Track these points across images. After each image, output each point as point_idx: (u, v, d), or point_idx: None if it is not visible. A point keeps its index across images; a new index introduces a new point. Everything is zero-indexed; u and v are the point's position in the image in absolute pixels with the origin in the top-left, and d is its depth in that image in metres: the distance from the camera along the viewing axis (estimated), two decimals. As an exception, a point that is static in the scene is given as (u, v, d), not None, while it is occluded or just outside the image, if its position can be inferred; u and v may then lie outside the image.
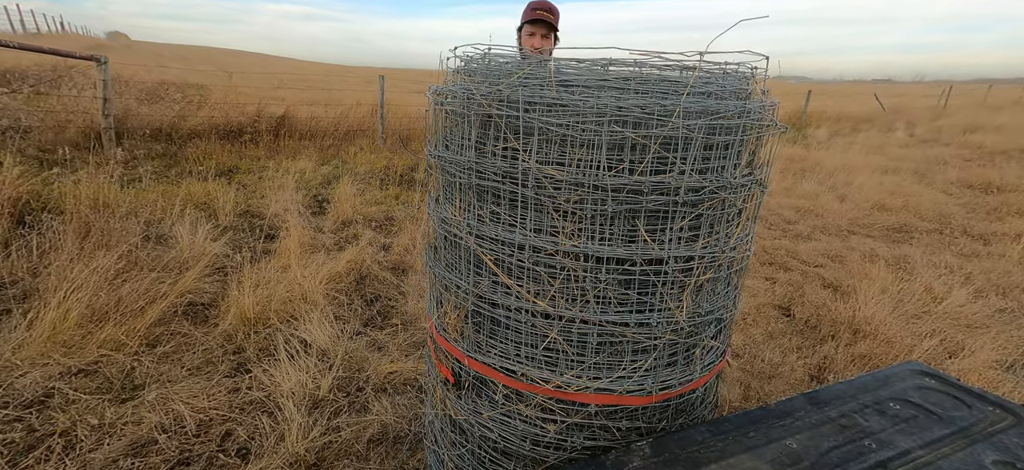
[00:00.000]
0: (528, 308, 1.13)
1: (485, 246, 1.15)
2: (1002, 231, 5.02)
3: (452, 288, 1.26)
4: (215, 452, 1.82)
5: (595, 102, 0.96)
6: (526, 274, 1.11)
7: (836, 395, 1.28)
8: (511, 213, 1.10)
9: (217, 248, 3.33)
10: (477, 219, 1.16)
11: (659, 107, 0.96)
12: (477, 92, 1.06)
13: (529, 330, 1.15)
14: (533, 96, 1.00)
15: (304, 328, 2.56)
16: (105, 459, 1.72)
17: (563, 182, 1.01)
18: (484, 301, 1.19)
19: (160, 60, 15.21)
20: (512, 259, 1.12)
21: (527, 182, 1.04)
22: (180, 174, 5.11)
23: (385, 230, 4.28)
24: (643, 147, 0.98)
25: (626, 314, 1.10)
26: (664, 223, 1.05)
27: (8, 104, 6.26)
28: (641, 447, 1.10)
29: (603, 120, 0.96)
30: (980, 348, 2.65)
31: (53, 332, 2.24)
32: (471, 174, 1.12)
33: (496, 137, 1.07)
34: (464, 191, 1.17)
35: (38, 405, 1.94)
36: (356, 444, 1.91)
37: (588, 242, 1.05)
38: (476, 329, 1.24)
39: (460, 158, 1.14)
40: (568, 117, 0.98)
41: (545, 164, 1.03)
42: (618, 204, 1.01)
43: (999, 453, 1.06)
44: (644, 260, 1.05)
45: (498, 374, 1.22)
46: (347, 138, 7.40)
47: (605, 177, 0.99)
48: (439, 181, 1.29)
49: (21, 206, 3.42)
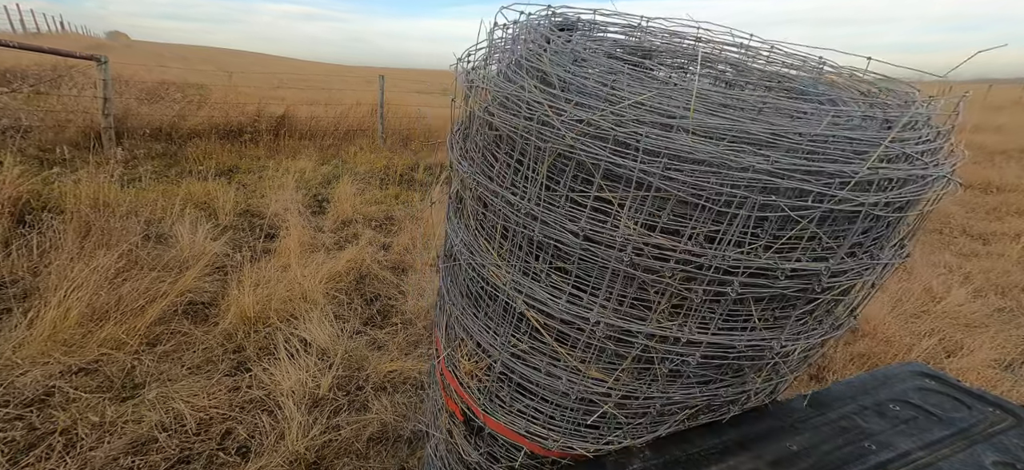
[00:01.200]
0: (583, 384, 0.93)
1: (535, 309, 0.90)
2: (1001, 231, 5.03)
3: (474, 332, 1.04)
4: (215, 450, 1.82)
5: (748, 161, 0.68)
6: (591, 349, 0.89)
7: (836, 396, 1.28)
8: (582, 280, 0.86)
9: (217, 247, 3.33)
10: (530, 277, 0.90)
11: (839, 176, 0.70)
12: (558, 116, 0.75)
13: (575, 402, 0.95)
14: (659, 143, 0.70)
15: (304, 327, 2.56)
16: (105, 457, 1.72)
17: (673, 256, 0.76)
18: (520, 361, 0.98)
19: (160, 60, 15.21)
20: (570, 328, 0.89)
21: (623, 250, 0.78)
22: (180, 174, 5.11)
23: (385, 230, 4.28)
24: (787, 220, 0.74)
25: (698, 388, 0.93)
26: (783, 309, 0.85)
27: (8, 104, 6.26)
28: (641, 449, 1.10)
29: (755, 185, 0.70)
30: (978, 347, 2.65)
31: (53, 331, 2.24)
32: (533, 223, 0.85)
33: (575, 177, 0.80)
34: (513, 236, 0.91)
35: (39, 403, 1.94)
36: (356, 442, 1.91)
37: (685, 326, 0.82)
38: (499, 383, 1.04)
39: (512, 198, 0.86)
40: (706, 170, 0.70)
41: (652, 229, 0.76)
42: (741, 289, 0.78)
43: (999, 454, 1.07)
44: (747, 345, 0.86)
45: (522, 439, 1.03)
46: (347, 138, 7.40)
47: (736, 257, 0.75)
48: (468, 205, 1.03)
49: (21, 205, 3.42)
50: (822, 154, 0.71)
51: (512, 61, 0.90)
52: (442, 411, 1.27)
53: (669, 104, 0.73)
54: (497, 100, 0.86)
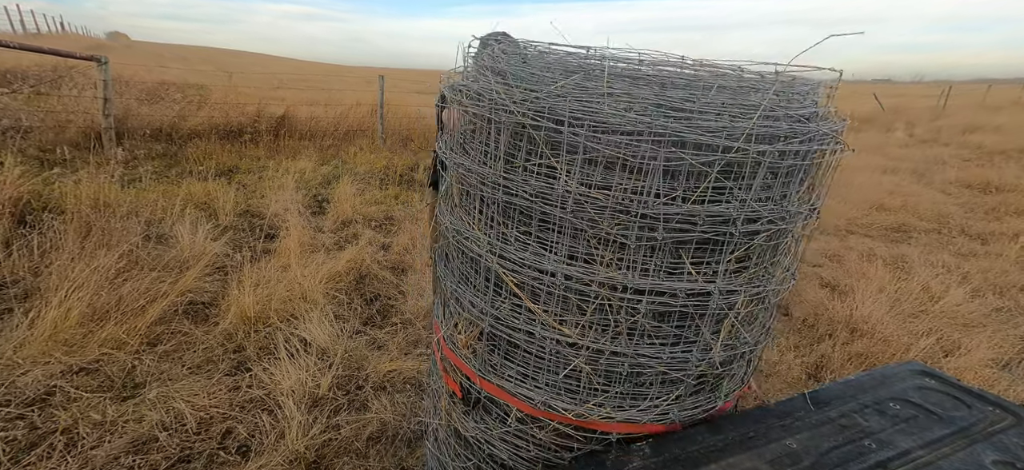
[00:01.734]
0: (553, 337, 1.05)
1: (508, 267, 1.05)
2: (1000, 231, 5.03)
3: (465, 304, 1.18)
4: (215, 450, 1.82)
5: (655, 123, 0.85)
6: (554, 300, 1.03)
7: (836, 395, 1.29)
8: (542, 236, 1.01)
9: (217, 247, 3.33)
10: (501, 238, 1.06)
11: (727, 131, 0.86)
12: (510, 99, 0.95)
13: (552, 357, 1.08)
14: (580, 110, 0.89)
15: (304, 327, 2.56)
16: (106, 456, 1.73)
17: (607, 208, 0.92)
18: (502, 323, 1.11)
19: (160, 60, 15.21)
20: (539, 285, 1.03)
21: (565, 206, 0.94)
22: (180, 174, 5.12)
23: (385, 230, 4.28)
24: (700, 174, 0.89)
25: (660, 347, 1.04)
26: (712, 255, 0.97)
27: (9, 104, 6.26)
28: (641, 447, 1.11)
29: (662, 143, 0.86)
30: (976, 347, 2.65)
31: (54, 331, 2.24)
32: (498, 189, 1.02)
33: (530, 151, 0.96)
34: (487, 205, 1.07)
35: (40, 403, 1.94)
36: (356, 442, 1.91)
37: (628, 273, 0.96)
38: (491, 349, 1.17)
39: (485, 170, 1.03)
40: (622, 138, 0.87)
41: (589, 187, 0.92)
42: (667, 234, 0.92)
43: (999, 453, 1.07)
44: (688, 293, 0.98)
45: (513, 398, 1.15)
46: (347, 138, 7.40)
47: (657, 205, 0.89)
48: (453, 187, 1.19)
49: (22, 206, 3.42)
50: (714, 116, 0.88)
51: (478, 66, 1.11)
52: (442, 394, 1.36)
53: (593, 86, 0.91)
54: (469, 96, 1.05)
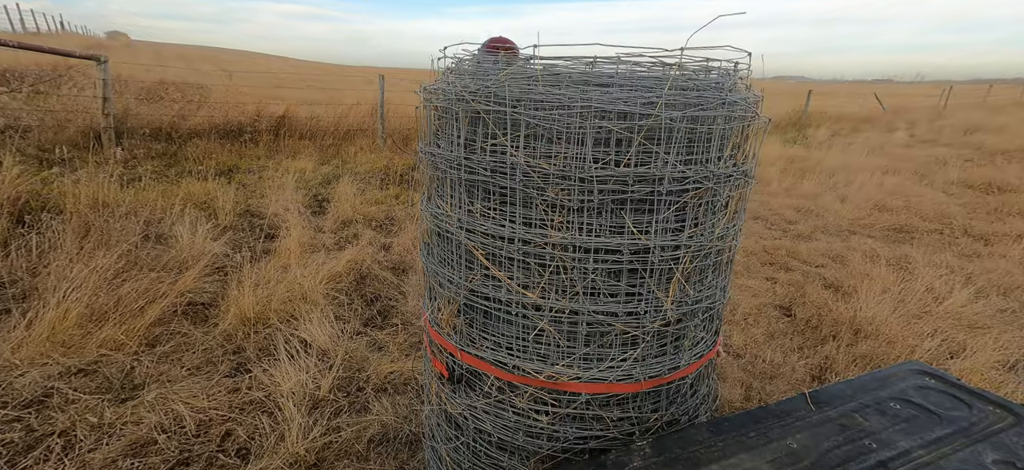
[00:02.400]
0: (518, 300, 1.15)
1: (476, 240, 1.17)
2: (1003, 231, 5.02)
3: (445, 283, 1.28)
4: (215, 452, 1.82)
5: (580, 97, 0.99)
6: (516, 266, 1.14)
7: (836, 395, 1.28)
8: (500, 208, 1.12)
9: (217, 248, 3.32)
10: (467, 214, 1.18)
11: (642, 100, 0.99)
12: (466, 90, 1.09)
13: (520, 322, 1.17)
14: (521, 93, 1.03)
15: (304, 328, 2.56)
16: (104, 459, 1.72)
17: (550, 175, 1.04)
18: (476, 295, 1.21)
19: (160, 59, 15.21)
20: (503, 253, 1.14)
21: (515, 176, 1.07)
22: (180, 173, 5.11)
23: (385, 230, 4.28)
24: (627, 141, 1.01)
25: (615, 304, 1.12)
26: (650, 215, 1.07)
27: (8, 103, 6.26)
28: (641, 447, 1.10)
29: (588, 114, 0.99)
30: (982, 348, 2.64)
31: (52, 332, 2.23)
32: (461, 170, 1.15)
33: (485, 134, 1.10)
34: (455, 187, 1.20)
35: (37, 405, 1.93)
36: (356, 444, 1.91)
37: (576, 234, 1.07)
38: (469, 323, 1.26)
39: (450, 154, 1.16)
40: (554, 112, 1.01)
41: (533, 159, 1.06)
42: (604, 196, 1.04)
43: (999, 453, 1.06)
44: (631, 250, 1.08)
45: (490, 367, 1.23)
46: (347, 138, 7.40)
47: (591, 169, 1.01)
48: (430, 177, 1.31)
49: (20, 205, 3.42)
50: (636, 88, 1.02)
51: (446, 72, 1.25)
52: (433, 380, 1.44)
53: (529, 72, 1.06)
54: (438, 94, 1.19)
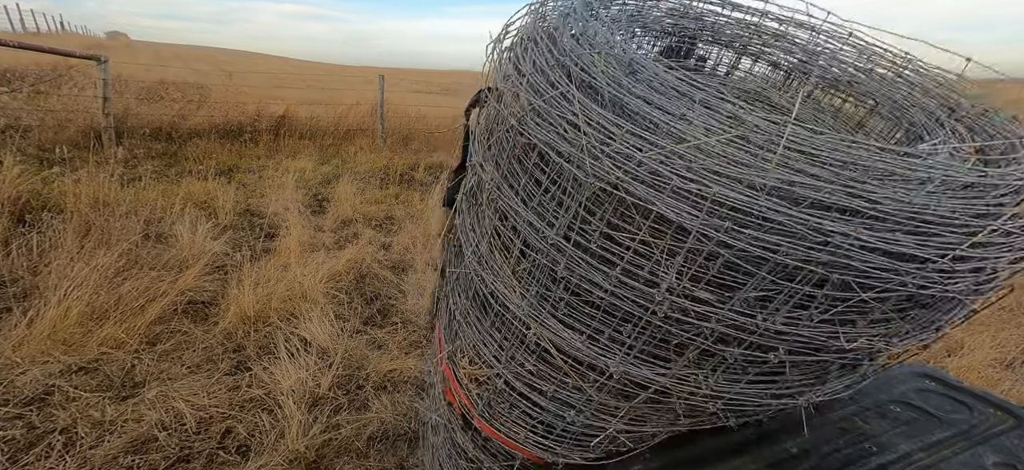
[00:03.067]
0: (590, 421, 0.88)
1: (545, 337, 0.83)
2: (1002, 233, 5.02)
3: (475, 342, 0.99)
4: (215, 449, 1.82)
5: (833, 234, 0.58)
6: (606, 390, 0.83)
7: (836, 397, 1.28)
8: (603, 325, 0.76)
9: (217, 247, 3.32)
10: (549, 305, 0.82)
11: (934, 249, 0.59)
12: (601, 150, 0.63)
13: (582, 429, 0.90)
14: (734, 188, 0.59)
15: (304, 326, 2.56)
16: (105, 456, 1.72)
17: (713, 318, 0.67)
18: (522, 382, 0.91)
19: (160, 60, 15.21)
20: (586, 369, 0.82)
21: (653, 307, 0.69)
22: (180, 173, 5.11)
23: (385, 229, 4.28)
24: (846, 286, 0.63)
25: (719, 438, 0.91)
26: (820, 369, 0.78)
27: (8, 103, 6.25)
28: (641, 452, 1.10)
29: (833, 264, 0.60)
30: (979, 346, 2.65)
31: (53, 330, 2.23)
32: (558, 257, 0.75)
33: (616, 211, 0.68)
34: (533, 262, 0.81)
35: (39, 402, 1.94)
36: (356, 441, 1.91)
37: (711, 377, 0.75)
38: (499, 396, 0.98)
39: (540, 225, 0.76)
40: (775, 240, 0.59)
41: (695, 286, 0.66)
42: (785, 356, 0.69)
43: (1000, 455, 1.06)
44: (775, 400, 0.79)
45: (520, 448, 1.00)
46: (347, 138, 7.40)
47: (781, 323, 0.66)
48: (484, 209, 0.93)
49: (21, 205, 3.42)
50: (915, 228, 0.60)
51: (551, 56, 0.75)
52: (442, 399, 1.23)
53: (744, 151, 0.61)
54: (532, 107, 0.73)
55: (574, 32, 0.78)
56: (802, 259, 0.59)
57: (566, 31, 0.77)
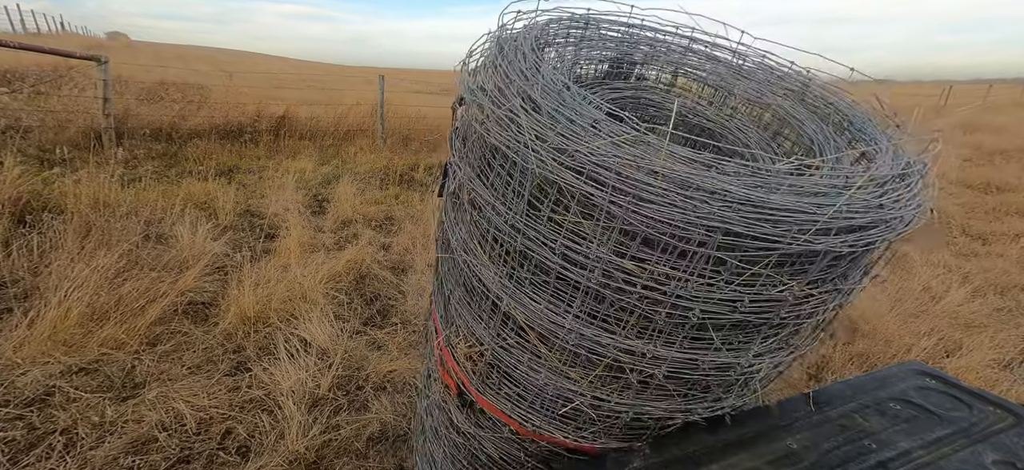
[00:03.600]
0: (559, 381, 1.00)
1: (519, 311, 0.97)
2: (1001, 231, 5.03)
3: (468, 324, 1.12)
4: (215, 450, 1.82)
5: (713, 215, 0.74)
6: (566, 353, 0.97)
7: (836, 395, 1.28)
8: (560, 286, 0.92)
9: (217, 247, 3.33)
10: (515, 282, 0.97)
11: (799, 225, 0.75)
12: (539, 141, 0.81)
13: (553, 395, 1.02)
14: (622, 169, 0.77)
15: (304, 327, 2.56)
16: (106, 457, 1.72)
17: (638, 284, 0.82)
18: (506, 353, 1.05)
19: (160, 60, 15.21)
20: (550, 332, 0.96)
21: (593, 274, 0.85)
22: (180, 174, 5.11)
23: (385, 230, 4.28)
24: (750, 259, 0.79)
25: (669, 400, 0.99)
26: (747, 333, 0.90)
27: (8, 104, 6.26)
28: (641, 447, 1.10)
29: (717, 229, 0.75)
30: (978, 347, 2.65)
31: (54, 331, 2.24)
32: (516, 236, 0.91)
33: (557, 202, 0.86)
34: (500, 244, 0.97)
35: (39, 403, 1.94)
36: (356, 442, 1.91)
37: (651, 343, 0.89)
38: (490, 369, 1.12)
39: (501, 209, 0.93)
40: (669, 217, 0.75)
41: (621, 257, 0.82)
42: (703, 315, 0.83)
43: (999, 453, 1.07)
44: (712, 366, 0.91)
45: (508, 418, 1.12)
46: (347, 138, 7.40)
47: (699, 287, 0.81)
48: (464, 203, 1.08)
49: (22, 206, 3.42)
50: (782, 215, 0.76)
51: (507, 79, 0.93)
52: (437, 381, 1.35)
53: (644, 153, 0.79)
54: (492, 116, 0.90)
55: (524, 63, 0.96)
56: (690, 224, 0.75)
57: (519, 60, 0.97)
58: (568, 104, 0.86)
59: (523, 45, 1.02)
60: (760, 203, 0.75)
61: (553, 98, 0.87)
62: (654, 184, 0.75)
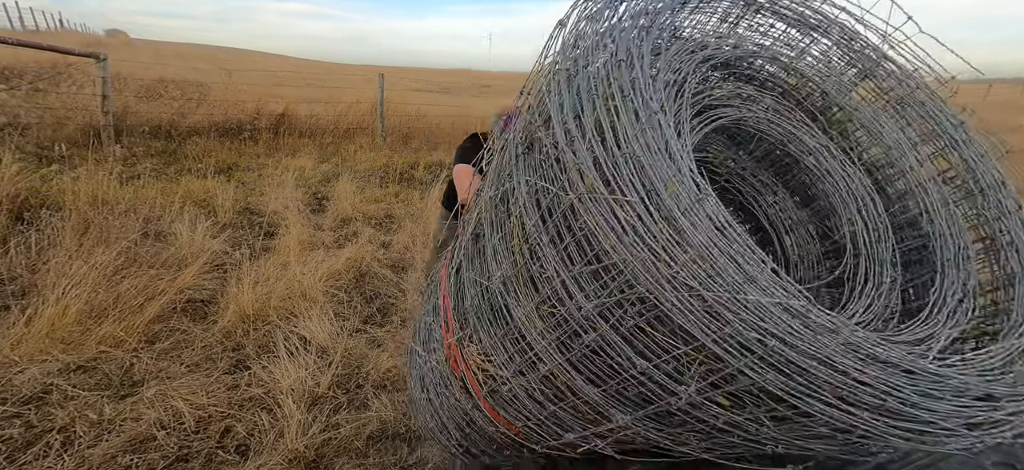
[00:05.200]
0: (586, 428, 0.92)
1: (564, 379, 0.84)
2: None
3: (489, 352, 1.00)
4: (214, 449, 1.82)
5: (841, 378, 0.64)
6: (601, 427, 0.86)
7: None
8: (624, 391, 0.79)
9: (216, 245, 3.32)
10: (566, 355, 0.83)
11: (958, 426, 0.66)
12: (665, 275, 0.64)
13: (573, 438, 0.93)
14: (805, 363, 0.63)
15: (303, 325, 2.56)
16: (104, 455, 1.72)
17: (722, 419, 0.72)
18: (531, 400, 0.94)
19: (159, 58, 15.18)
20: (597, 414, 0.85)
21: (675, 402, 0.73)
22: (179, 171, 5.10)
23: (385, 228, 4.28)
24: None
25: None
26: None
27: (7, 101, 6.24)
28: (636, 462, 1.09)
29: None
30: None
31: (52, 329, 2.23)
32: (589, 330, 0.76)
33: (651, 312, 0.70)
34: (559, 314, 0.82)
35: (37, 401, 1.93)
36: (355, 441, 1.91)
37: (705, 442, 0.80)
38: (504, 392, 1.01)
39: (580, 298, 0.75)
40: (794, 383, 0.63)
41: (715, 387, 0.71)
42: (779, 448, 0.74)
43: (999, 455, 1.06)
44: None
45: (512, 427, 1.05)
46: (347, 136, 7.39)
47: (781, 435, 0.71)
48: (515, 232, 0.89)
49: (20, 203, 3.41)
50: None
51: (613, 130, 0.71)
52: (444, 361, 1.20)
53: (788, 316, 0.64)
54: (587, 189, 0.70)
55: (647, 116, 0.73)
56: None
57: (638, 103, 0.74)
58: (700, 230, 0.67)
59: (638, 63, 0.79)
60: (915, 416, 0.64)
61: (685, 211, 0.68)
62: (816, 372, 0.63)
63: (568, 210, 0.76)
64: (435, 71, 32.34)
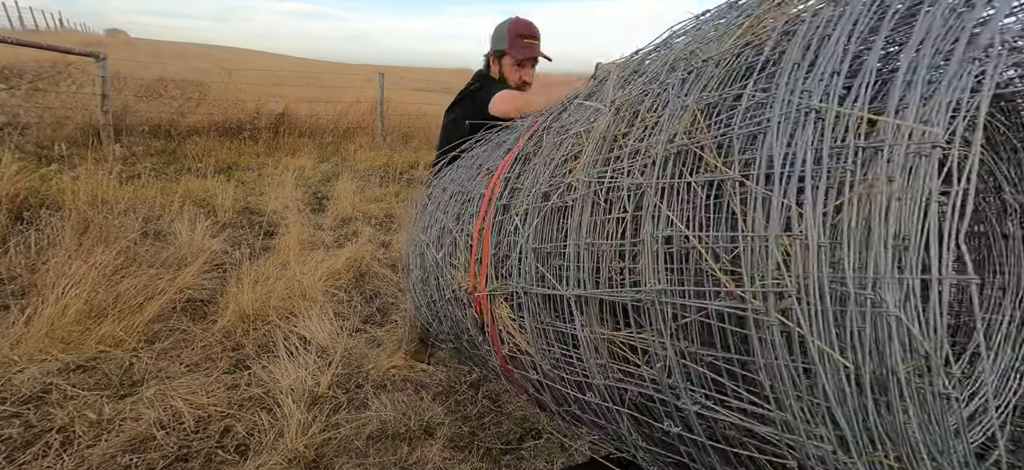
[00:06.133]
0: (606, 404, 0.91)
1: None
2: (1002, 231, 5.02)
3: (522, 316, 0.98)
4: (214, 448, 1.81)
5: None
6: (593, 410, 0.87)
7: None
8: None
9: (216, 245, 3.32)
10: (557, 373, 0.86)
11: None
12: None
13: (590, 414, 0.93)
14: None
15: (303, 325, 2.55)
16: (103, 455, 1.71)
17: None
18: (558, 381, 0.95)
19: (159, 57, 15.18)
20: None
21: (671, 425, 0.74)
22: (179, 171, 5.10)
23: (385, 227, 4.27)
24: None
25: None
26: None
27: (7, 100, 6.24)
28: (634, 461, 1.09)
29: None
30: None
31: (51, 328, 2.23)
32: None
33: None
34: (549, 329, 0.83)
35: (36, 401, 1.93)
36: (355, 441, 1.90)
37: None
38: (526, 359, 1.02)
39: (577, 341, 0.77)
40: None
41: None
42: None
43: (1002, 453, 1.06)
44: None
45: (524, 391, 1.07)
46: (347, 136, 7.38)
47: None
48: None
49: (19, 202, 3.41)
50: None
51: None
52: (465, 295, 1.12)
53: None
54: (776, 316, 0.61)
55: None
56: None
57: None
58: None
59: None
60: None
61: None
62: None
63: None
64: (435, 71, 32.33)
